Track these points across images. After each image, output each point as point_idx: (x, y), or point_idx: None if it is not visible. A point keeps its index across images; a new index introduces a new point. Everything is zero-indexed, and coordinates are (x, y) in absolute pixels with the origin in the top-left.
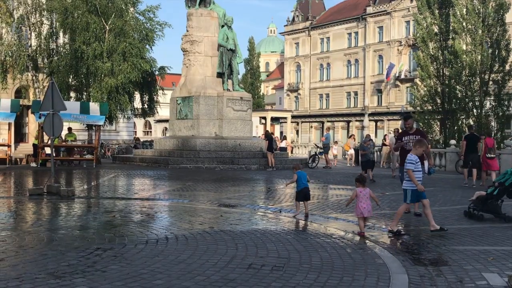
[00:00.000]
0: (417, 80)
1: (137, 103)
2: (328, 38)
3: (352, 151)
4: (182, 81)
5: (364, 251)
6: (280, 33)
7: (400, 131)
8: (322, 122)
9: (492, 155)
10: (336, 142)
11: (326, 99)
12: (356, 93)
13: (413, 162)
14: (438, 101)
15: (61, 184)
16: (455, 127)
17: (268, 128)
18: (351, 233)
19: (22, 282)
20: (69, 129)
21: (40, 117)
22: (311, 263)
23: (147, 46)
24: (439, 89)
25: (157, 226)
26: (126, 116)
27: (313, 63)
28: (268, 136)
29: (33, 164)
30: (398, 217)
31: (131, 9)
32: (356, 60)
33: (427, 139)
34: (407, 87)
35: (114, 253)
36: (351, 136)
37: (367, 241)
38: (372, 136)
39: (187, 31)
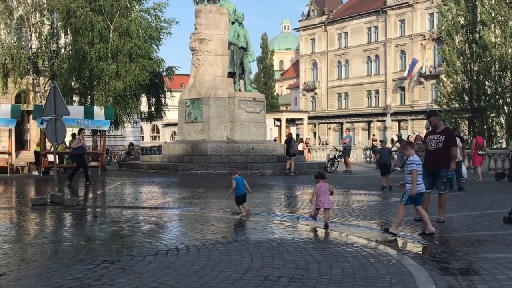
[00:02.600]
0: (443, 76)
1: (144, 106)
2: (346, 33)
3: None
4: (191, 82)
5: (388, 261)
6: (294, 29)
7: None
8: (341, 123)
9: (482, 152)
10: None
11: (345, 99)
12: (377, 92)
13: (414, 162)
14: (466, 98)
15: (65, 193)
16: (485, 126)
17: (284, 130)
18: (374, 241)
19: None
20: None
21: (42, 123)
22: (331, 274)
23: (154, 46)
24: (466, 86)
25: (167, 236)
26: (132, 121)
27: (330, 60)
28: (287, 139)
29: (35, 173)
30: (398, 220)
31: (136, 7)
32: (377, 56)
33: (455, 138)
34: (432, 84)
35: (122, 265)
36: (375, 140)
37: (391, 249)
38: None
39: (196, 29)
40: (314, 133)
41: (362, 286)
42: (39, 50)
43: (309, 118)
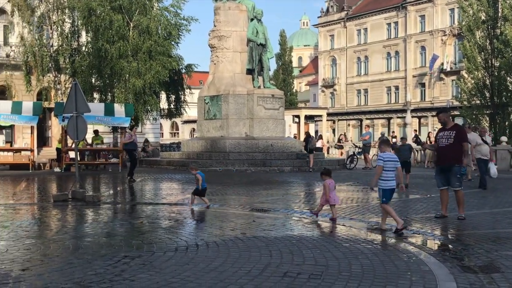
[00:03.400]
0: (464, 72)
1: (163, 104)
2: (365, 29)
3: None
4: (210, 79)
5: (408, 258)
6: (313, 25)
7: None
8: (361, 120)
9: None
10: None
11: (365, 95)
12: (397, 88)
13: (381, 159)
14: (487, 94)
15: (86, 189)
16: (506, 123)
17: (302, 127)
18: (393, 238)
19: None
20: (96, 131)
21: (63, 120)
22: (351, 271)
23: (173, 43)
24: (487, 82)
25: (186, 233)
26: (152, 118)
27: (350, 56)
28: (306, 136)
29: (57, 169)
30: (385, 216)
31: (155, 4)
32: (397, 52)
33: (466, 134)
34: (452, 80)
35: (143, 261)
36: (395, 137)
37: (411, 247)
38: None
39: (215, 26)
40: (333, 130)
41: (382, 283)
42: (60, 48)
43: (328, 114)
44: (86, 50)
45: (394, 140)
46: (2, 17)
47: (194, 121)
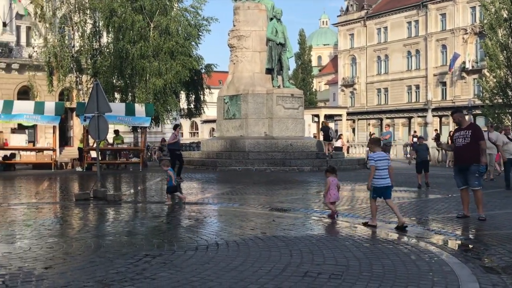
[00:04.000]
0: (485, 71)
1: (183, 103)
2: (385, 28)
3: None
4: (229, 79)
5: (430, 258)
6: (333, 25)
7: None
8: (381, 119)
9: None
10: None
11: (385, 94)
12: (417, 87)
13: (372, 159)
14: (510, 93)
15: (107, 188)
16: None
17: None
18: (415, 238)
19: None
20: (116, 131)
21: (85, 120)
22: (372, 271)
23: (193, 43)
24: (510, 80)
25: (206, 232)
26: (172, 117)
27: (370, 55)
28: (324, 127)
29: (79, 169)
30: (373, 212)
31: (176, 5)
32: (417, 51)
33: (482, 133)
34: (474, 78)
35: (163, 259)
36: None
37: (433, 247)
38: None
39: (234, 25)
40: (353, 129)
41: (404, 284)
42: (82, 48)
43: (348, 114)
44: (108, 50)
45: (415, 139)
46: (25, 19)
47: (213, 121)
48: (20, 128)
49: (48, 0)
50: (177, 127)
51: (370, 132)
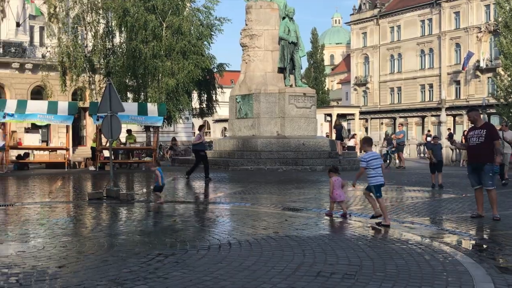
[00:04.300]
0: (500, 69)
1: (195, 103)
2: (398, 27)
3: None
4: (242, 78)
5: (444, 258)
6: (345, 23)
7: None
8: (394, 118)
9: None
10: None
11: (398, 93)
12: (431, 86)
13: (363, 160)
14: None
15: (120, 188)
16: None
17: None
18: (429, 238)
19: None
20: (129, 131)
21: (98, 119)
22: (385, 271)
23: (205, 43)
24: None
25: (219, 231)
26: (184, 117)
27: (383, 54)
28: (337, 126)
29: (92, 168)
30: (384, 212)
31: (188, 5)
32: (431, 50)
33: (497, 132)
34: (488, 77)
35: (176, 259)
36: (430, 135)
37: (447, 247)
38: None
39: (246, 24)
40: (366, 128)
41: (418, 284)
42: (95, 48)
43: (361, 113)
44: (120, 50)
45: (429, 139)
46: (38, 19)
47: (225, 120)
48: (34, 128)
49: (61, 0)
50: (202, 127)
51: (386, 132)
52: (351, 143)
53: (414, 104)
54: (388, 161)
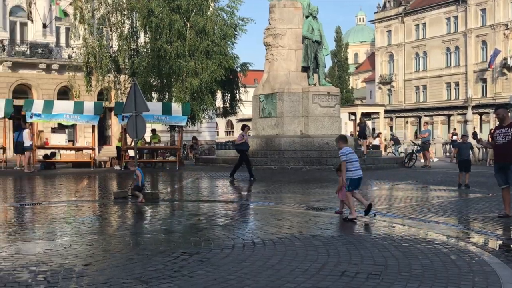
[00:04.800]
0: None
1: (219, 102)
2: (423, 24)
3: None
4: (265, 78)
5: (470, 258)
6: (370, 21)
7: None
8: (419, 117)
9: None
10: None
11: (423, 91)
12: (457, 84)
13: (343, 154)
14: None
15: (145, 187)
16: None
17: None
18: (455, 238)
19: (110, 287)
20: (153, 130)
21: (123, 119)
22: (411, 271)
23: (229, 42)
24: None
25: (243, 230)
26: (207, 116)
27: (408, 52)
28: (361, 124)
29: (117, 167)
30: (351, 205)
31: (212, 5)
32: (456, 47)
33: None
34: None
35: (201, 257)
36: (455, 134)
37: (473, 247)
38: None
39: (269, 24)
40: (391, 127)
41: (444, 284)
42: (120, 49)
43: (386, 112)
44: (145, 50)
45: (455, 137)
46: (64, 20)
47: (249, 120)
48: (60, 128)
49: (87, 1)
50: (245, 127)
51: (392, 132)
52: (376, 142)
53: (440, 103)
54: (413, 160)
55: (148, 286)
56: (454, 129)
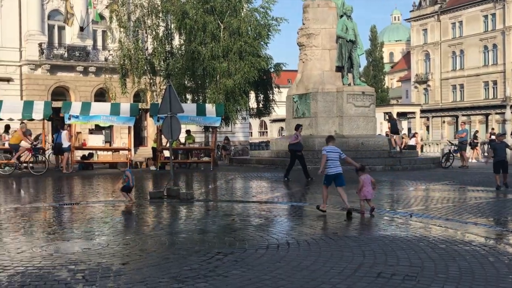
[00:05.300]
0: None
1: (252, 103)
2: (460, 22)
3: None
4: (299, 78)
5: (509, 260)
6: (405, 20)
7: None
8: (456, 116)
9: None
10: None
11: (460, 90)
12: (495, 83)
13: (324, 150)
14: None
15: (180, 187)
16: None
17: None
18: (493, 239)
19: (147, 286)
20: (188, 131)
21: (158, 120)
22: (447, 272)
23: (262, 43)
24: None
25: (277, 231)
26: (241, 117)
27: (444, 50)
28: (391, 119)
29: (153, 168)
30: (324, 199)
31: (246, 5)
32: (494, 45)
33: None
34: None
35: (235, 257)
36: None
37: None
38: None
39: (303, 24)
40: (427, 127)
41: (482, 286)
42: (155, 51)
43: (422, 111)
44: (180, 52)
45: (493, 137)
46: (101, 23)
47: (282, 120)
48: (97, 129)
49: (123, 5)
50: (299, 127)
51: (402, 132)
52: (412, 142)
53: (477, 102)
54: (451, 160)
55: (184, 286)
56: (492, 129)
